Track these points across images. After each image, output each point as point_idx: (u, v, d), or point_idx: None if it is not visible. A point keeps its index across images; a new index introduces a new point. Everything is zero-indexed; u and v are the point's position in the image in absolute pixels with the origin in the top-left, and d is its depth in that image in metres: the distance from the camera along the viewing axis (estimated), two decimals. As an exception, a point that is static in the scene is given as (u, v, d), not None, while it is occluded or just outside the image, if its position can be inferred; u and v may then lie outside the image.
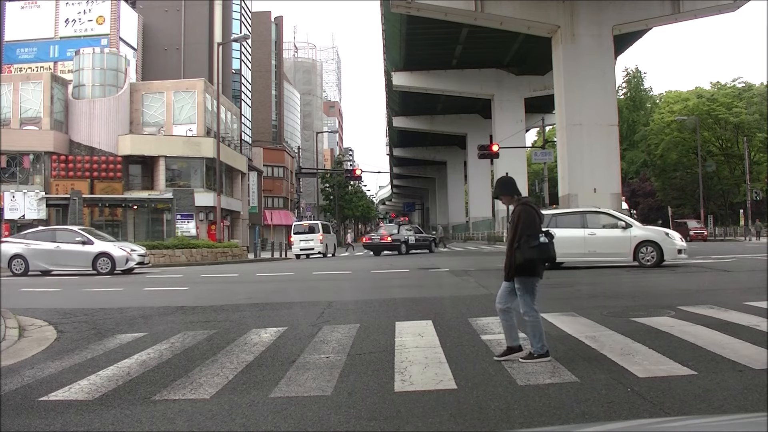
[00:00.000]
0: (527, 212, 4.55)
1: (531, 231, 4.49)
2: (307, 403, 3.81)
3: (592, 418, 3.36)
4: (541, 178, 41.16)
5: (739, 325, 5.89)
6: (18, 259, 17.18)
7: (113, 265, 16.86)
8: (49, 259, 17.23)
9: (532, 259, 4.48)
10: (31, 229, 19.91)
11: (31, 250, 17.24)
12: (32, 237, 17.91)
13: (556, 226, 13.76)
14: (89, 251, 17.04)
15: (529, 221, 4.51)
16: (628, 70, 61.45)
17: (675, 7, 25.90)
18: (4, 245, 17.75)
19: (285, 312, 8.09)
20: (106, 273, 16.68)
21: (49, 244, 17.26)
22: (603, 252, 13.70)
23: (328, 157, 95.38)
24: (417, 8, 26.09)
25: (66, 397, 4.15)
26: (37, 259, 17.20)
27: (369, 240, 29.72)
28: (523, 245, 4.48)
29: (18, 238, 18.39)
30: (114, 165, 34.82)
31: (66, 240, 17.38)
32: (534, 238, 4.48)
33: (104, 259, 16.95)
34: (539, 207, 4.78)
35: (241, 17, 51.57)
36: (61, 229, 19.36)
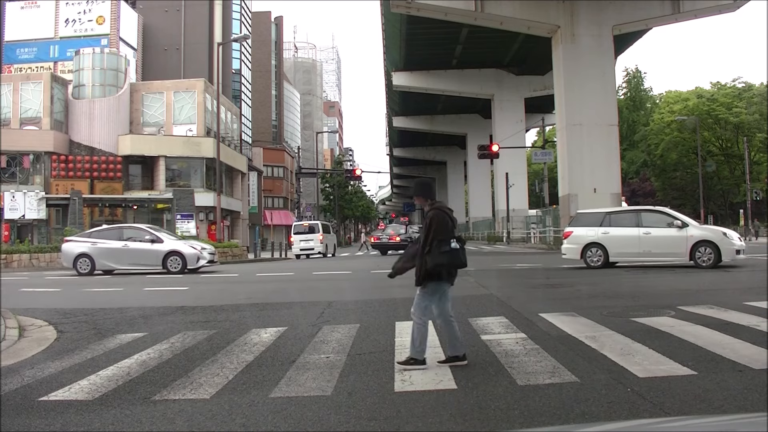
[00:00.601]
0: (439, 217, 4.51)
1: (442, 236, 4.44)
2: (307, 403, 3.81)
3: (592, 418, 3.36)
4: (541, 178, 41.14)
5: (739, 325, 5.89)
6: (83, 259, 16.68)
7: (184, 263, 16.40)
8: (116, 258, 16.74)
9: (442, 264, 4.44)
10: (97, 228, 19.43)
11: (97, 249, 16.75)
12: (98, 235, 17.39)
13: (609, 225, 13.66)
14: (159, 249, 16.60)
15: (441, 226, 4.47)
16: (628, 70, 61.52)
17: (675, 7, 25.91)
18: (69, 244, 17.23)
19: (285, 312, 8.09)
20: (176, 272, 16.26)
21: (117, 243, 16.77)
22: (658, 252, 13.31)
23: (328, 157, 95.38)
24: (417, 8, 26.09)
25: (66, 397, 4.15)
26: (103, 258, 16.72)
27: (377, 240, 29.66)
28: (434, 250, 4.43)
29: (83, 237, 17.75)
30: (114, 165, 34.83)
31: (134, 238, 16.95)
32: (445, 243, 4.43)
33: (175, 258, 16.48)
34: (452, 212, 4.70)
35: (241, 17, 51.58)
36: (128, 227, 18.87)
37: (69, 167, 33.92)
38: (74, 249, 16.96)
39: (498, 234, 40.54)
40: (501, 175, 38.47)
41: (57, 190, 32.52)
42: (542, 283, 11.19)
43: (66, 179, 33.30)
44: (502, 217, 38.67)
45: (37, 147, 33.73)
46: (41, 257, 20.67)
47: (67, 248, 17.20)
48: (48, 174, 33.71)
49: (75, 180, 33.14)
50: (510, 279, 12.65)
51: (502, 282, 11.97)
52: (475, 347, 5.32)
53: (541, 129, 45.53)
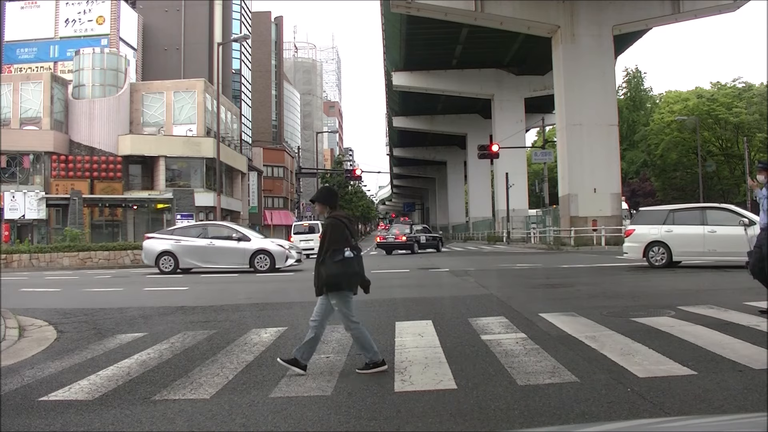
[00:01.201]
0: (335, 226, 4.49)
1: (337, 246, 4.43)
2: (307, 403, 3.81)
3: (592, 418, 3.36)
4: (541, 178, 41.13)
5: (739, 325, 5.89)
6: (166, 257, 16.20)
7: (272, 262, 15.87)
8: (201, 256, 16.16)
9: (335, 274, 4.42)
10: (181, 225, 18.99)
11: (181, 247, 16.21)
12: (181, 233, 16.92)
13: (673, 223, 13.18)
14: (247, 248, 16.02)
15: (336, 236, 4.45)
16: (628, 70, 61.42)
17: (675, 7, 25.92)
18: (151, 241, 16.76)
19: (285, 312, 8.09)
20: (264, 270, 15.73)
21: (202, 241, 16.23)
22: (723, 251, 12.62)
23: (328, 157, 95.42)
24: (417, 8, 26.11)
25: (66, 397, 4.15)
26: (187, 256, 16.17)
27: (383, 239, 29.71)
28: (328, 260, 4.44)
29: (165, 234, 17.18)
30: (114, 165, 34.83)
31: (220, 236, 16.44)
32: (339, 252, 4.42)
33: (263, 256, 15.93)
34: (350, 221, 4.67)
35: (241, 17, 51.59)
36: (214, 224, 18.39)
37: (69, 167, 33.92)
38: (156, 246, 16.42)
39: (498, 234, 40.53)
40: (501, 175, 38.47)
41: (57, 190, 32.53)
42: (542, 283, 11.18)
43: (66, 179, 33.30)
44: (502, 217, 38.66)
45: (37, 147, 33.73)
46: (41, 257, 20.66)
47: (149, 245, 16.66)
48: (48, 174, 33.71)
49: (75, 180, 33.15)
50: (510, 279, 12.65)
51: (502, 282, 11.97)
52: (475, 347, 5.32)
53: (541, 129, 45.52)
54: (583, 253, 21.88)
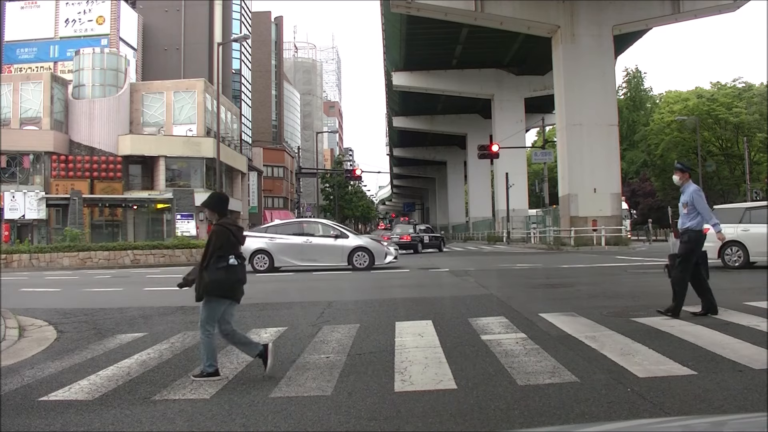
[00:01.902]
0: (220, 233, 4.51)
1: (221, 252, 4.45)
2: (307, 403, 3.81)
3: (592, 418, 3.36)
4: (541, 178, 41.13)
5: (739, 325, 5.89)
6: (261, 255, 15.80)
7: (372, 259, 15.55)
8: (298, 254, 15.79)
9: (218, 280, 4.42)
10: (276, 222, 18.79)
11: (276, 245, 15.83)
12: (275, 230, 16.50)
13: (750, 221, 12.59)
14: (345, 245, 15.67)
15: (221, 242, 4.47)
16: (628, 70, 61.48)
17: (675, 7, 25.92)
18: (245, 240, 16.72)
19: (285, 312, 8.09)
20: (363, 268, 15.41)
21: (298, 239, 15.87)
22: None
23: (328, 157, 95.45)
24: (417, 8, 26.11)
25: (66, 397, 4.15)
26: (283, 254, 15.80)
27: (388, 239, 30.23)
28: (211, 266, 4.44)
29: (259, 232, 16.76)
30: (114, 165, 34.83)
31: (317, 233, 16.13)
32: (223, 259, 4.44)
33: (361, 254, 15.63)
34: (239, 229, 4.70)
35: (241, 17, 51.60)
36: (309, 221, 18.07)
37: (69, 167, 33.92)
38: (250, 245, 15.76)
39: (498, 234, 40.53)
40: (501, 175, 38.47)
41: (57, 190, 32.53)
42: (542, 283, 11.18)
43: (66, 179, 33.30)
44: (502, 217, 38.66)
45: (37, 147, 33.73)
46: (41, 257, 20.65)
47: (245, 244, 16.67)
48: (48, 174, 33.71)
49: (75, 180, 33.15)
50: (510, 279, 12.65)
51: (502, 282, 11.97)
52: (475, 347, 5.31)
53: (541, 129, 45.53)
54: (583, 253, 21.88)
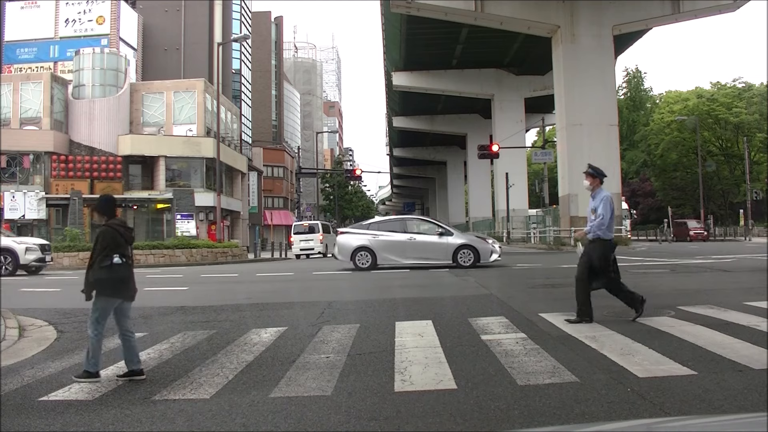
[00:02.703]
0: (106, 234, 4.59)
1: (106, 252, 4.52)
2: (307, 403, 3.81)
3: (592, 418, 3.36)
4: (541, 178, 41.16)
5: (739, 325, 5.89)
6: (364, 252, 15.56)
7: (477, 257, 15.16)
8: (401, 251, 15.49)
9: (103, 278, 4.49)
10: (377, 219, 18.45)
11: (379, 242, 15.58)
12: (377, 227, 16.34)
13: None
14: (450, 243, 15.27)
15: (106, 242, 4.55)
16: (628, 70, 61.55)
17: (675, 7, 25.92)
18: (346, 236, 16.18)
19: (285, 312, 8.09)
20: (467, 266, 14.98)
21: (401, 236, 15.54)
22: None
23: (328, 157, 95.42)
24: (417, 8, 26.11)
25: (66, 397, 4.15)
26: (386, 251, 15.56)
27: None
28: (96, 265, 4.52)
29: (360, 229, 16.61)
30: (114, 165, 34.82)
31: (420, 231, 15.76)
32: (107, 258, 4.51)
33: (466, 251, 15.21)
34: (129, 230, 4.78)
35: (241, 17, 51.58)
36: (413, 218, 17.68)
37: (69, 167, 33.92)
38: (352, 242, 15.78)
39: (498, 234, 40.54)
40: (501, 175, 38.48)
41: (57, 190, 32.52)
42: (542, 283, 11.19)
43: (66, 179, 33.29)
44: (502, 217, 38.67)
45: (37, 147, 33.73)
46: (41, 257, 20.62)
47: (344, 241, 16.06)
48: (48, 174, 33.71)
49: (75, 180, 33.14)
50: (510, 279, 12.65)
51: (502, 282, 11.97)
52: (475, 347, 5.31)
53: (541, 129, 45.55)
54: (583, 253, 21.84)
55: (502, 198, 38.81)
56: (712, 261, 15.83)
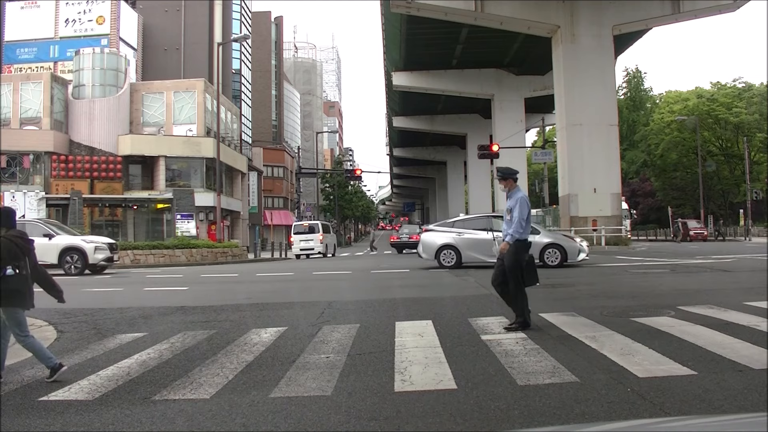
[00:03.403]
0: (3, 245, 4.63)
1: (2, 264, 4.57)
2: (307, 403, 3.81)
3: (592, 418, 3.36)
4: (541, 178, 41.16)
5: (739, 325, 5.88)
6: (448, 250, 15.33)
7: (564, 257, 14.79)
8: (486, 250, 14.85)
9: None
10: (462, 216, 18.22)
11: (464, 240, 15.30)
12: (462, 225, 16.07)
13: None
14: (537, 242, 14.34)
15: (4, 254, 4.59)
16: (628, 70, 61.56)
17: (675, 7, 25.93)
18: (431, 234, 15.92)
19: (285, 312, 8.09)
20: (554, 266, 14.57)
21: (486, 234, 15.02)
22: None
23: (328, 157, 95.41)
24: (417, 8, 26.12)
25: (66, 397, 4.15)
26: (471, 250, 15.27)
27: (397, 239, 31.48)
28: None
29: (444, 227, 16.32)
30: (114, 165, 34.82)
31: None
32: (1, 270, 4.55)
33: (553, 251, 14.85)
34: (27, 240, 4.82)
35: (241, 17, 51.57)
36: (496, 216, 17.00)
37: (69, 167, 33.92)
38: (437, 240, 15.56)
39: (498, 234, 40.50)
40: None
41: (57, 190, 32.53)
42: (542, 283, 11.16)
43: (66, 179, 33.30)
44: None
45: (37, 147, 33.73)
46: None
47: (429, 238, 15.84)
48: (48, 174, 33.71)
49: (75, 180, 33.14)
50: (510, 279, 12.61)
51: (502, 282, 11.94)
52: (475, 347, 5.31)
53: (541, 129, 45.54)
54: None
55: (502, 198, 38.61)
56: (712, 261, 15.83)
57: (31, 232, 17.43)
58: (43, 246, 16.98)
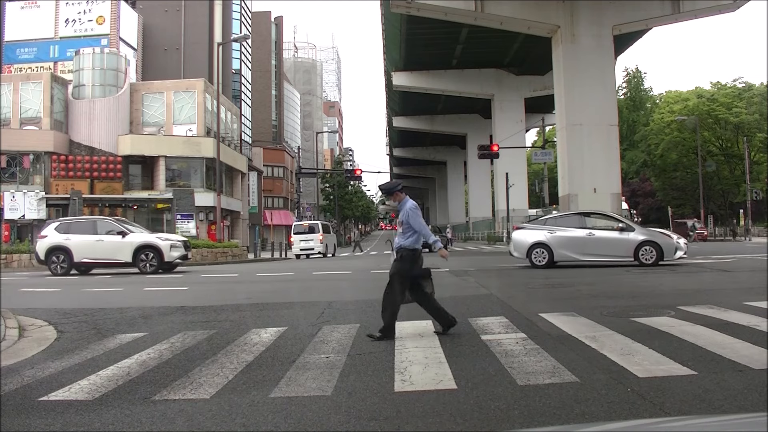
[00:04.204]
0: None
1: None
2: (307, 403, 3.81)
3: (592, 418, 3.36)
4: (541, 178, 41.17)
5: (739, 325, 5.88)
6: (540, 249, 14.88)
7: (660, 254, 14.13)
8: (579, 248, 14.68)
9: None
10: (555, 213, 17.88)
11: (556, 238, 14.88)
12: (554, 222, 15.60)
13: None
14: (632, 239, 14.36)
15: None
16: (628, 70, 61.54)
17: (675, 7, 25.93)
18: (522, 232, 15.51)
19: (285, 312, 8.09)
20: (650, 264, 14.04)
21: (579, 231, 14.74)
22: None
23: (328, 157, 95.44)
24: (417, 8, 26.12)
25: (66, 397, 4.15)
26: (563, 248, 14.86)
27: None
28: None
29: (537, 225, 15.83)
30: (114, 165, 34.83)
31: (599, 226, 14.95)
32: None
33: (648, 248, 14.23)
34: None
35: (241, 17, 51.58)
36: (589, 212, 16.71)
37: (69, 167, 33.92)
38: (528, 238, 15.10)
39: (498, 234, 40.53)
40: (501, 175, 38.49)
41: (57, 190, 32.53)
42: (542, 283, 11.18)
43: (66, 179, 33.30)
44: (502, 217, 38.68)
45: (37, 147, 33.73)
46: (41, 257, 20.61)
47: (520, 237, 15.40)
48: (48, 174, 33.71)
49: (75, 180, 33.15)
50: (510, 279, 12.65)
51: (502, 282, 11.97)
52: (475, 347, 5.31)
53: (541, 129, 45.55)
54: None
55: (502, 198, 38.83)
56: (712, 261, 15.83)
57: (103, 229, 17.31)
58: (116, 244, 16.98)
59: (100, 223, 17.99)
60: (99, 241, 17.03)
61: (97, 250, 17.04)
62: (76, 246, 16.95)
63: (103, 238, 17.06)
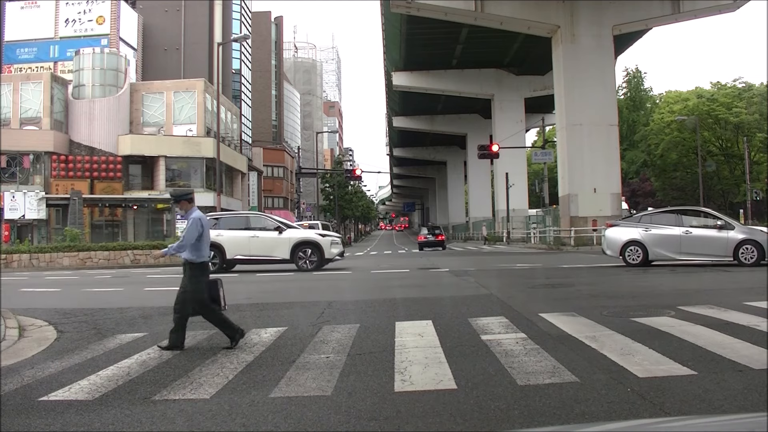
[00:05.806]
0: None
1: None
2: (307, 403, 3.81)
3: (592, 418, 3.36)
4: (541, 178, 41.15)
5: (739, 325, 5.88)
6: (634, 247, 14.39)
7: (761, 254, 13.41)
8: (675, 246, 14.06)
9: None
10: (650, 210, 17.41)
11: (651, 236, 14.35)
12: (649, 220, 14.87)
13: None
14: (730, 237, 13.66)
15: None
16: (628, 70, 61.48)
17: (675, 7, 25.94)
18: (616, 230, 14.98)
19: (285, 312, 8.09)
20: (751, 264, 13.27)
21: (676, 229, 14.05)
22: None
23: (328, 157, 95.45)
24: (417, 8, 26.13)
25: (66, 397, 4.15)
26: (658, 246, 14.29)
27: (424, 239, 36.01)
28: None
29: (631, 222, 15.25)
30: (114, 165, 34.85)
31: (695, 224, 14.30)
32: None
33: (749, 247, 13.58)
34: None
35: (241, 17, 51.60)
36: (685, 209, 16.16)
37: (69, 167, 33.93)
38: (622, 235, 14.64)
39: (498, 234, 40.54)
40: (501, 175, 38.50)
41: (57, 190, 32.55)
42: (542, 283, 11.18)
43: (66, 179, 33.31)
44: (502, 217, 38.69)
45: (37, 147, 33.74)
46: (41, 257, 20.64)
47: (614, 234, 14.92)
48: (48, 174, 33.72)
49: (75, 180, 33.16)
50: (510, 279, 12.65)
51: (502, 282, 11.97)
52: (475, 347, 5.31)
53: (541, 129, 45.54)
54: (583, 253, 21.89)
55: (502, 198, 38.83)
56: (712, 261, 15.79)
57: (257, 224, 16.56)
58: (273, 240, 16.10)
59: (253, 219, 17.17)
60: (254, 237, 16.19)
61: (252, 247, 16.18)
62: (229, 242, 15.99)
63: (258, 234, 16.22)
